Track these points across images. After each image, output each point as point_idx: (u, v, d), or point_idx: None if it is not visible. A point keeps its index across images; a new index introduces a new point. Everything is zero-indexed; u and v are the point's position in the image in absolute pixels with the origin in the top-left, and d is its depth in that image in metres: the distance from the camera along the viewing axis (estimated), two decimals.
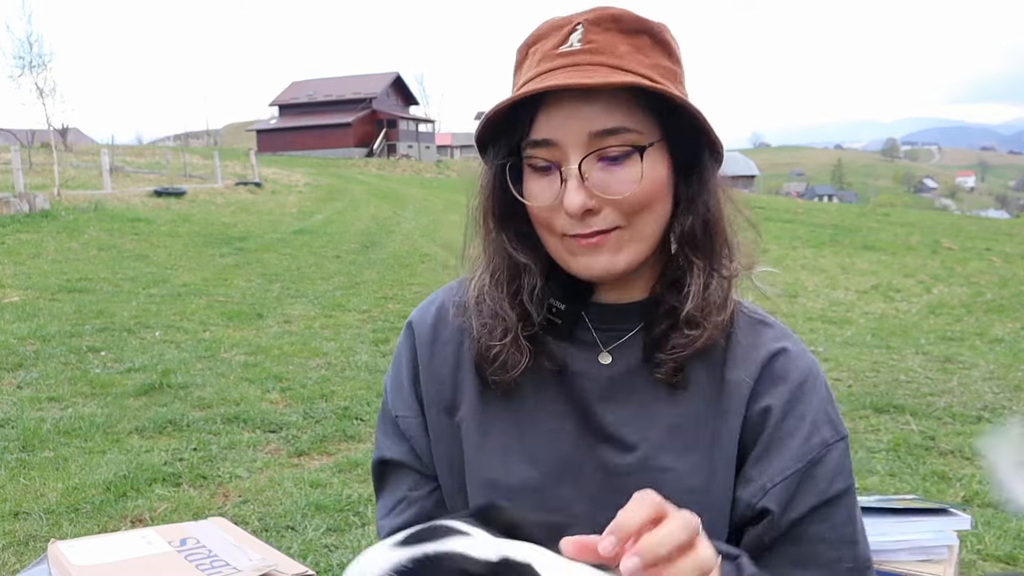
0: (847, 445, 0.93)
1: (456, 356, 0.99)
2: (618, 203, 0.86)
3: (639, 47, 0.87)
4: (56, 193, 14.60)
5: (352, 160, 47.16)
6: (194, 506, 3.25)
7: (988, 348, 7.07)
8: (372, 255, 11.69)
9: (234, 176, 23.16)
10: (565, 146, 0.85)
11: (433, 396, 1.00)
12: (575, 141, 0.85)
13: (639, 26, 0.87)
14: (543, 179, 0.88)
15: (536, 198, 0.89)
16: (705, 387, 0.92)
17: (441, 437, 0.99)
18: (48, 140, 25.02)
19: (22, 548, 2.88)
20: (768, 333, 0.95)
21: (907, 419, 4.50)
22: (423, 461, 1.01)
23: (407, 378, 1.02)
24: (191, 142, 77.14)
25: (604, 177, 0.85)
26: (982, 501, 3.40)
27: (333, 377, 5.13)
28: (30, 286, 8.01)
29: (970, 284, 11.72)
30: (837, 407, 0.96)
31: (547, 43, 0.88)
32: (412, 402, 1.01)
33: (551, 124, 0.85)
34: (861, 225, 19.87)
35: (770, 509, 0.88)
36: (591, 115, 0.84)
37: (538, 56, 0.88)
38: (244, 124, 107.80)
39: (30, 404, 4.44)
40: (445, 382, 0.99)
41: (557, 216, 0.88)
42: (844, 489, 0.90)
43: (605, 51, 0.85)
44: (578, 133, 0.84)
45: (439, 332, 1.01)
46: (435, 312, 1.03)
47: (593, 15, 0.87)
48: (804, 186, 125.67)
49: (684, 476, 0.90)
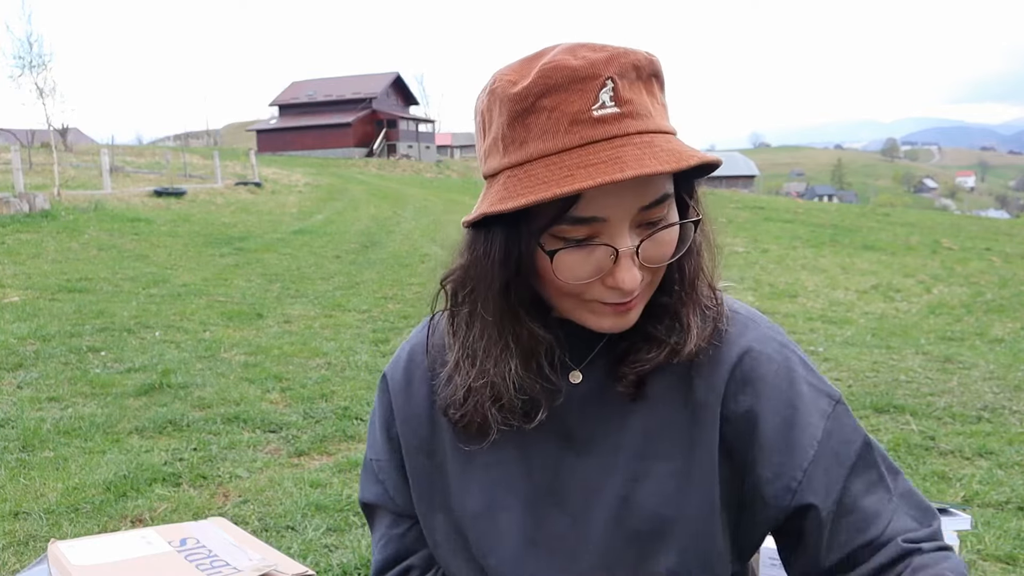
0: (845, 404, 0.92)
1: (430, 397, 1.00)
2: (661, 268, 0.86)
3: (654, 93, 0.82)
4: (56, 193, 14.61)
5: (352, 160, 47.15)
6: (194, 506, 3.25)
7: (988, 348, 7.07)
8: (372, 255, 11.70)
9: (234, 176, 23.16)
10: (614, 222, 0.80)
11: (410, 437, 1.01)
12: (626, 216, 0.80)
13: (651, 68, 0.82)
14: (578, 252, 0.82)
15: (573, 273, 0.82)
16: (676, 393, 0.92)
17: (420, 476, 1.01)
18: (48, 140, 25.01)
19: (22, 548, 2.88)
20: (730, 329, 0.93)
21: (907, 419, 4.50)
22: (396, 502, 1.03)
23: (380, 426, 1.04)
24: (191, 142, 77.10)
25: (650, 247, 0.83)
26: (982, 501, 3.40)
27: (333, 377, 5.13)
28: (30, 286, 8.01)
29: (970, 284, 11.72)
30: (816, 370, 0.95)
31: (571, 101, 0.78)
32: (385, 446, 1.04)
33: (602, 201, 0.79)
34: (861, 225, 19.88)
35: (812, 504, 0.88)
36: (643, 188, 0.80)
37: (566, 119, 0.78)
38: (244, 124, 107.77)
39: (30, 404, 4.44)
40: (422, 423, 1.00)
41: (593, 288, 0.84)
42: (863, 444, 0.90)
43: (642, 113, 0.80)
44: (630, 209, 0.80)
45: (411, 376, 1.02)
46: (406, 358, 1.04)
47: (617, 67, 0.79)
48: (804, 186, 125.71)
49: (662, 482, 0.90)
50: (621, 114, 0.78)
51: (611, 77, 0.78)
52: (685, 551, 0.90)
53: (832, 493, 0.88)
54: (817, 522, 0.88)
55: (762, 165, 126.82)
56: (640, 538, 0.90)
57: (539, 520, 0.94)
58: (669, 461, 0.91)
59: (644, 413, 0.92)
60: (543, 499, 0.94)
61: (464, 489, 0.97)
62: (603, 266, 0.82)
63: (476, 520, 0.96)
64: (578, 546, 0.92)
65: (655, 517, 0.90)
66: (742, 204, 23.96)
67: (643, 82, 0.81)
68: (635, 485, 0.91)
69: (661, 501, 0.90)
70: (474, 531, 0.96)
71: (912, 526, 0.89)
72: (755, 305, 9.18)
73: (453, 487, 0.98)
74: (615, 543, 0.91)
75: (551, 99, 0.78)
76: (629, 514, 0.91)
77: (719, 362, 0.91)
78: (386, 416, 1.04)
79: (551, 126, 0.78)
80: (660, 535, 0.90)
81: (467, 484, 0.97)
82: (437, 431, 1.00)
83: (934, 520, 0.91)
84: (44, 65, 30.41)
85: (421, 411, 1.00)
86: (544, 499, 0.94)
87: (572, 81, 0.77)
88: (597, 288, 0.84)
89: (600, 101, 0.77)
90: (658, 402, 0.92)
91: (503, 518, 0.95)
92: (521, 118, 0.79)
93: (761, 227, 18.01)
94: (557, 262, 0.82)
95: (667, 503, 0.90)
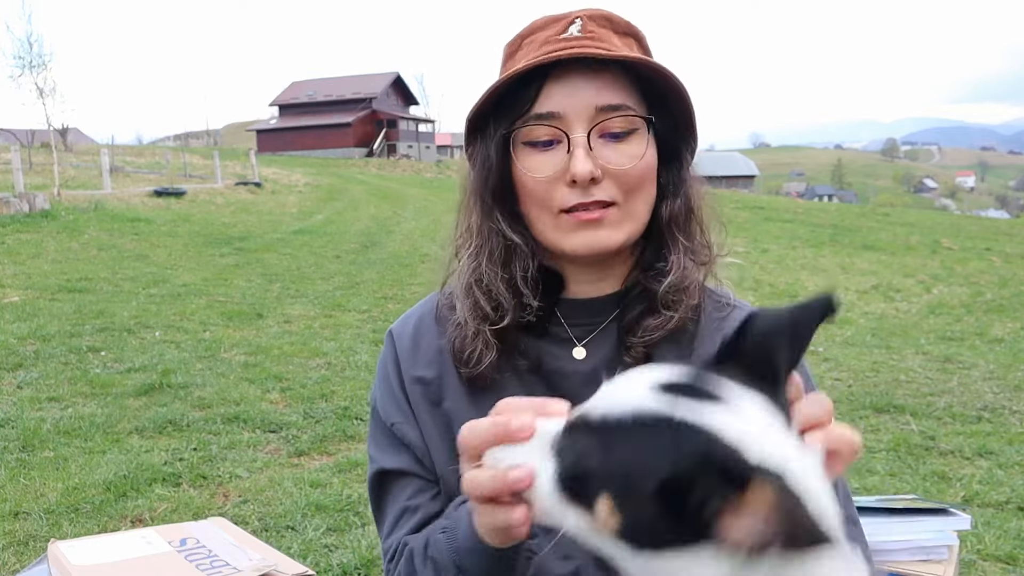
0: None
1: (439, 362, 1.01)
2: (620, 176, 0.91)
3: (629, 45, 0.93)
4: (56, 193, 14.60)
5: (352, 160, 47.14)
6: (194, 506, 3.25)
7: (988, 348, 7.06)
8: (372, 255, 11.69)
9: (234, 176, 23.15)
10: (571, 119, 0.89)
11: (419, 398, 1.01)
12: (581, 114, 0.89)
13: (628, 29, 0.95)
14: (543, 154, 0.91)
15: (537, 171, 0.92)
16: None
17: (433, 433, 0.99)
18: (48, 140, 25.01)
19: (22, 548, 2.88)
20: (736, 313, 1.00)
21: (907, 419, 4.50)
22: (423, 465, 1.00)
23: (396, 385, 1.03)
24: (191, 142, 77.14)
25: (608, 151, 0.90)
26: (982, 501, 3.39)
27: (333, 377, 5.13)
28: (30, 286, 8.01)
29: (970, 284, 11.72)
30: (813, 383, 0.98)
31: (546, 32, 0.93)
32: (405, 407, 1.02)
33: (557, 98, 0.89)
34: (861, 225, 19.86)
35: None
36: (597, 90, 0.89)
37: (538, 42, 0.92)
38: (244, 124, 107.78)
39: (30, 404, 4.43)
40: (431, 384, 1.01)
41: (556, 189, 0.91)
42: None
43: (604, 40, 0.91)
44: (585, 106, 0.89)
45: (419, 340, 1.03)
46: (414, 322, 1.06)
47: (589, 12, 0.94)
48: (804, 186, 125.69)
49: None
50: (584, 37, 0.90)
51: (580, 17, 0.92)
52: None
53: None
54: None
55: (762, 165, 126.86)
56: None
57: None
58: None
59: None
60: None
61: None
62: (561, 162, 0.90)
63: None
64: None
65: None
66: (742, 204, 23.95)
67: (616, 33, 0.93)
68: None
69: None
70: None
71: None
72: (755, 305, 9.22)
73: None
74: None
75: (532, 36, 0.94)
76: None
77: (721, 335, 0.93)
78: (399, 377, 1.03)
79: (528, 52, 0.93)
80: None
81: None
82: (444, 395, 1.00)
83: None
84: (44, 65, 30.44)
85: (431, 375, 1.01)
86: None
87: (549, 21, 0.94)
88: (561, 191, 0.90)
89: (569, 31, 0.91)
90: None
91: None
92: (512, 55, 0.96)
93: (761, 227, 18.00)
94: (523, 160, 0.92)
95: None
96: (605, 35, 0.92)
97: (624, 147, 0.90)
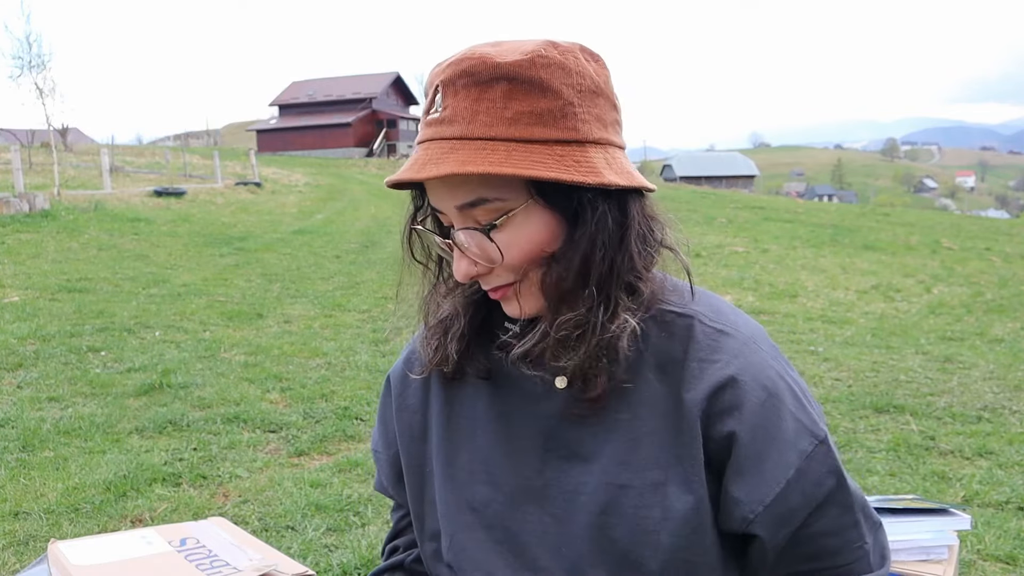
0: (828, 445, 0.91)
1: (424, 389, 1.06)
2: (502, 266, 0.89)
3: (494, 99, 0.83)
4: (56, 193, 14.60)
5: (352, 160, 47.14)
6: (194, 506, 3.25)
7: (988, 348, 7.06)
8: (372, 255, 11.69)
9: (234, 176, 23.16)
10: (449, 215, 0.90)
11: (404, 427, 1.07)
12: (452, 212, 0.89)
13: (495, 74, 0.83)
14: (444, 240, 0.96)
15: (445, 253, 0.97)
16: (664, 404, 0.91)
17: (412, 465, 1.07)
18: (48, 140, 24.98)
19: (22, 548, 2.88)
20: (723, 352, 0.91)
21: (907, 419, 4.50)
22: (388, 491, 1.15)
23: (382, 419, 1.14)
24: (191, 142, 76.99)
25: (481, 244, 0.88)
26: (982, 501, 3.39)
27: (333, 377, 5.13)
28: (30, 286, 8.00)
29: (970, 284, 11.72)
30: (810, 404, 0.93)
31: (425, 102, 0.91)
32: (386, 437, 1.13)
33: (433, 196, 0.91)
34: (861, 225, 19.85)
35: (759, 535, 0.90)
36: (452, 190, 0.87)
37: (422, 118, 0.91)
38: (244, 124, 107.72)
39: (30, 404, 4.43)
40: (416, 413, 1.07)
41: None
42: (833, 486, 0.91)
43: (457, 119, 0.84)
44: (448, 206, 0.89)
45: (410, 367, 1.09)
46: (405, 357, 1.12)
47: (449, 73, 0.85)
48: (804, 186, 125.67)
49: (643, 493, 0.90)
50: (439, 119, 0.86)
51: (438, 84, 0.86)
52: (668, 562, 0.90)
53: (786, 527, 0.90)
54: (761, 551, 0.92)
55: (762, 165, 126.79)
56: (622, 546, 0.91)
57: (518, 515, 0.97)
58: (654, 471, 0.90)
59: (630, 422, 0.92)
60: (524, 496, 0.97)
61: (447, 482, 1.03)
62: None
63: (457, 512, 1.01)
64: (560, 548, 0.94)
65: (637, 528, 0.90)
66: (742, 204, 23.94)
67: (479, 87, 0.84)
68: (619, 492, 0.91)
69: (644, 510, 0.90)
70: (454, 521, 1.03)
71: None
72: (755, 305, 9.11)
73: (438, 477, 1.03)
74: (597, 549, 0.92)
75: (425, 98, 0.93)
76: (612, 522, 0.91)
77: (706, 380, 0.90)
78: (385, 411, 1.13)
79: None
80: (643, 544, 0.90)
81: (450, 476, 1.02)
82: (428, 424, 1.05)
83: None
84: (44, 65, 30.33)
85: (416, 403, 1.07)
86: (525, 495, 0.97)
87: (429, 85, 0.90)
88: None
89: (435, 106, 0.87)
90: (644, 411, 0.92)
91: (481, 511, 0.99)
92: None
93: (761, 227, 17.99)
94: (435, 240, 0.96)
95: (650, 512, 0.90)
96: (460, 106, 0.84)
97: (498, 236, 0.87)
